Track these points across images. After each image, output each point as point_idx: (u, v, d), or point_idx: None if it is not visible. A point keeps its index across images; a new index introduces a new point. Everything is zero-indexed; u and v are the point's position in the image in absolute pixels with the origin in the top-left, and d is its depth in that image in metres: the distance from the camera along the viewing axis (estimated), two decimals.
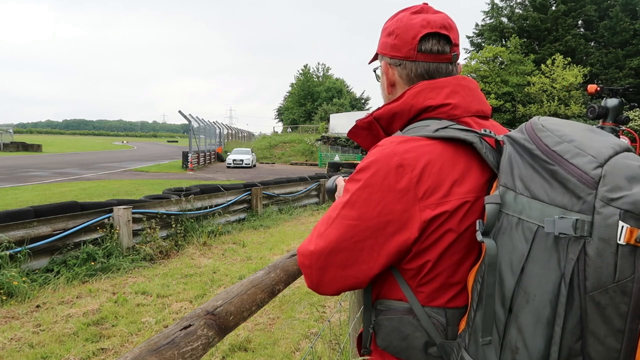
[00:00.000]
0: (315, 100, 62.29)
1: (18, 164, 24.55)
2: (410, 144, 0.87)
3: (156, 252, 6.37)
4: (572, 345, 0.70)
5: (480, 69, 35.65)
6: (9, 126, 48.84)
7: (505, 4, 40.95)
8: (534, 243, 0.72)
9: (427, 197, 0.83)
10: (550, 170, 0.73)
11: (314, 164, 35.25)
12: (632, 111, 29.52)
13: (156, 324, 4.12)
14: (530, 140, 0.78)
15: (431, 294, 0.88)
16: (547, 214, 0.71)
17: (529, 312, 0.72)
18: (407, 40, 0.98)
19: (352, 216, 0.87)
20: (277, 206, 10.60)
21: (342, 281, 0.91)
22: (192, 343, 0.93)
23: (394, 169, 0.84)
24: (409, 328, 0.89)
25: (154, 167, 26.69)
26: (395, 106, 0.97)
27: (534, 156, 0.76)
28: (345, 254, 0.89)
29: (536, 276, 0.71)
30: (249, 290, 1.25)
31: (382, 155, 0.87)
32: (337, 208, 0.91)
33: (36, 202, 10.29)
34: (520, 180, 0.76)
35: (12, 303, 4.49)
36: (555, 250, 0.70)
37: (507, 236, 0.75)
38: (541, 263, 0.71)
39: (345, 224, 0.88)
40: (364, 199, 0.86)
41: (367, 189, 0.86)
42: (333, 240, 0.88)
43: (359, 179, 0.89)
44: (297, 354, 3.61)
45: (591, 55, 36.83)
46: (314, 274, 0.92)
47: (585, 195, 0.68)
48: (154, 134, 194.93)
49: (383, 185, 0.85)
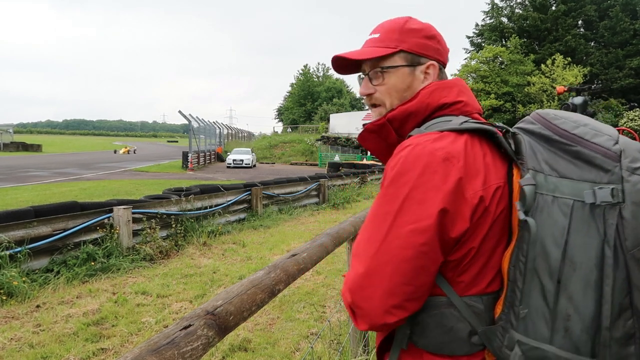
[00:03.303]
0: (315, 100, 62.30)
1: (18, 164, 24.55)
2: (446, 139, 0.88)
3: (156, 252, 6.37)
4: (622, 301, 0.79)
5: (480, 69, 35.66)
6: (9, 126, 48.85)
7: (505, 4, 40.98)
8: (572, 216, 0.81)
9: (473, 185, 0.86)
10: (573, 151, 0.84)
11: (314, 164, 35.25)
12: (632, 111, 29.52)
13: (156, 324, 4.12)
14: (546, 128, 0.89)
15: (469, 283, 0.90)
16: (579, 189, 0.81)
17: (577, 280, 0.80)
18: (446, 49, 1.07)
19: (411, 220, 0.84)
20: (277, 206, 10.59)
21: (410, 299, 0.87)
22: (192, 343, 0.93)
23: (441, 163, 0.85)
24: (452, 321, 0.90)
25: (154, 167, 26.69)
26: (410, 106, 0.99)
27: (552, 141, 0.87)
28: (411, 264, 0.85)
29: (580, 245, 0.80)
30: (249, 290, 1.25)
31: (423, 152, 0.86)
32: (386, 219, 0.86)
33: (36, 202, 10.29)
34: (545, 163, 0.85)
35: (12, 303, 4.48)
36: (593, 220, 0.80)
37: (546, 213, 0.82)
38: (582, 233, 0.80)
39: (405, 232, 0.85)
40: (419, 199, 0.84)
41: (420, 189, 0.85)
42: (395, 255, 0.84)
43: (405, 181, 0.86)
44: (297, 354, 3.61)
45: (591, 55, 36.84)
46: (377, 303, 0.85)
47: (612, 167, 0.81)
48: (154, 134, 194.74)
49: (435, 181, 0.84)
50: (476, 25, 42.19)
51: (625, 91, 35.18)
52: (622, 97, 35.06)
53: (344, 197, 12.69)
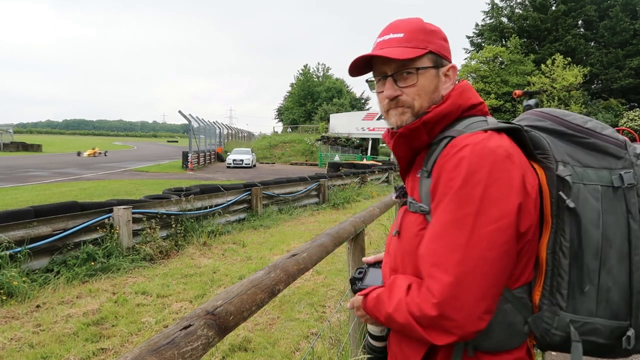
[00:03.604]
0: (315, 100, 62.26)
1: (18, 164, 24.54)
2: (494, 137, 0.91)
3: (156, 252, 6.37)
4: None
5: (480, 69, 35.64)
6: (9, 126, 48.82)
7: (505, 4, 40.97)
8: (602, 199, 0.91)
9: (529, 180, 0.90)
10: (587, 143, 0.95)
11: (314, 164, 35.24)
12: (632, 111, 29.51)
13: (156, 324, 4.12)
14: (558, 124, 0.98)
15: (516, 275, 0.93)
16: (601, 175, 0.92)
17: (613, 254, 0.90)
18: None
19: (492, 220, 0.84)
20: (277, 206, 10.58)
21: (494, 301, 0.87)
22: (192, 343, 0.93)
23: (506, 159, 0.87)
24: (510, 315, 0.92)
25: (154, 167, 26.69)
26: (444, 108, 0.99)
27: (565, 135, 0.97)
28: (497, 265, 0.85)
29: (612, 224, 0.90)
30: (249, 290, 1.25)
31: (485, 151, 0.87)
32: (466, 222, 0.85)
33: (36, 202, 10.29)
34: (567, 155, 0.94)
35: (12, 303, 4.48)
36: (617, 200, 0.91)
37: (582, 199, 0.90)
38: (612, 213, 0.91)
39: (488, 232, 0.84)
40: (495, 198, 0.84)
41: (493, 187, 0.85)
42: (482, 258, 0.84)
43: (477, 181, 0.85)
44: (297, 354, 3.61)
45: (591, 55, 36.83)
46: (470, 310, 0.84)
47: (623, 154, 0.94)
48: (154, 134, 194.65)
49: (506, 178, 0.86)
50: (476, 25, 42.20)
51: (625, 91, 35.17)
52: (622, 97, 35.05)
53: (344, 197, 12.68)
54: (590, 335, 0.91)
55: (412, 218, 1.01)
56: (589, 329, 0.91)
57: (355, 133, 38.04)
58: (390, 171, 19.39)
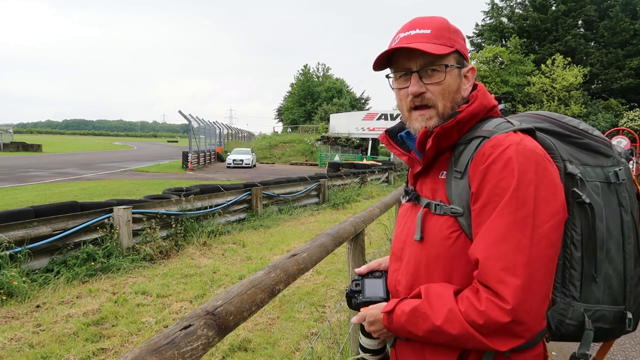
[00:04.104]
0: (315, 100, 62.21)
1: (18, 164, 24.54)
2: (527, 137, 0.94)
3: (156, 252, 6.37)
4: (637, 255, 1.01)
5: (480, 69, 35.61)
6: (9, 126, 48.83)
7: (505, 4, 40.94)
8: (602, 194, 0.98)
9: (559, 178, 0.94)
10: (582, 143, 1.02)
11: (314, 164, 35.23)
12: (632, 111, 29.50)
13: (156, 324, 4.12)
14: (556, 126, 1.05)
15: None
16: (597, 173, 1.00)
17: (612, 244, 0.97)
18: None
19: (547, 218, 0.85)
20: (277, 206, 10.58)
21: (549, 296, 0.91)
22: (192, 343, 0.93)
23: (544, 159, 0.91)
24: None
25: (154, 167, 26.68)
26: (474, 108, 1.01)
27: (563, 136, 1.03)
28: (554, 262, 0.88)
29: (611, 217, 0.97)
30: (249, 290, 1.25)
31: (526, 151, 0.89)
32: (527, 223, 0.84)
33: (36, 202, 10.29)
34: (569, 154, 1.00)
35: (12, 303, 4.48)
36: (612, 195, 0.99)
37: (588, 195, 0.96)
38: (609, 206, 0.98)
39: (546, 231, 0.85)
40: (546, 196, 0.86)
41: (542, 186, 0.87)
42: (544, 256, 0.85)
43: (528, 181, 0.86)
44: (296, 354, 3.61)
45: (591, 55, 36.81)
46: (537, 310, 0.84)
47: (611, 153, 1.03)
48: (154, 134, 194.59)
49: (550, 177, 0.89)
50: (476, 25, 42.18)
51: (625, 91, 35.15)
52: (622, 97, 35.04)
53: (344, 197, 12.68)
54: (599, 322, 0.97)
55: (440, 221, 0.97)
56: (598, 316, 0.96)
57: (355, 133, 38.02)
58: (390, 171, 19.39)
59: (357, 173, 16.57)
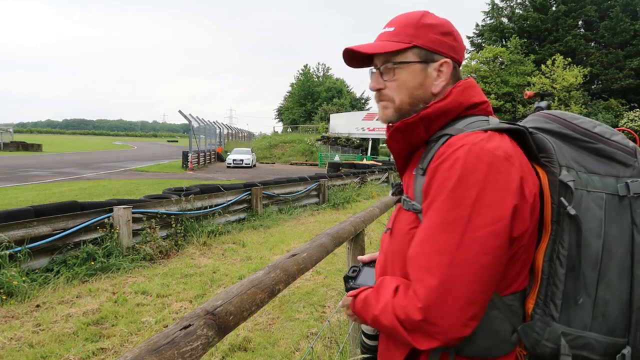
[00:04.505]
0: (315, 100, 62.23)
1: (18, 164, 24.54)
2: (495, 138, 0.87)
3: (156, 252, 6.37)
4: None
5: (480, 69, 35.64)
6: (9, 126, 48.81)
7: (505, 5, 40.98)
8: (606, 208, 0.87)
9: (529, 184, 0.87)
10: (594, 149, 0.91)
11: (314, 164, 35.23)
12: (632, 111, 29.52)
13: (156, 324, 4.12)
14: (566, 127, 0.94)
15: (510, 281, 0.90)
16: (607, 183, 0.88)
17: (614, 267, 0.86)
18: (463, 47, 1.04)
19: (486, 223, 0.81)
20: (277, 206, 10.58)
21: (483, 308, 0.84)
22: (191, 343, 0.93)
23: (504, 160, 0.84)
24: (497, 323, 0.89)
25: (154, 167, 26.69)
26: (444, 104, 0.96)
27: (572, 139, 0.93)
28: (489, 270, 0.82)
29: (614, 235, 0.86)
30: (249, 290, 1.25)
31: (483, 152, 0.84)
32: (458, 225, 0.82)
33: (36, 201, 10.28)
34: (572, 160, 0.90)
35: (12, 303, 4.48)
36: (622, 210, 0.87)
37: (584, 207, 0.86)
38: (615, 223, 0.87)
39: (482, 236, 0.81)
40: (490, 201, 0.81)
41: (489, 189, 0.81)
42: (474, 262, 0.81)
43: (472, 183, 0.82)
44: (296, 354, 3.61)
45: (591, 55, 36.83)
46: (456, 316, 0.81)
47: (632, 162, 0.90)
48: (154, 134, 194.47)
49: (502, 181, 0.82)
50: (476, 25, 42.21)
51: (625, 92, 35.17)
52: (622, 98, 35.06)
53: (344, 197, 12.69)
54: (583, 349, 0.87)
55: (405, 216, 0.98)
56: (581, 344, 0.87)
57: (355, 133, 38.03)
58: (390, 171, 19.38)
59: (357, 173, 16.57)
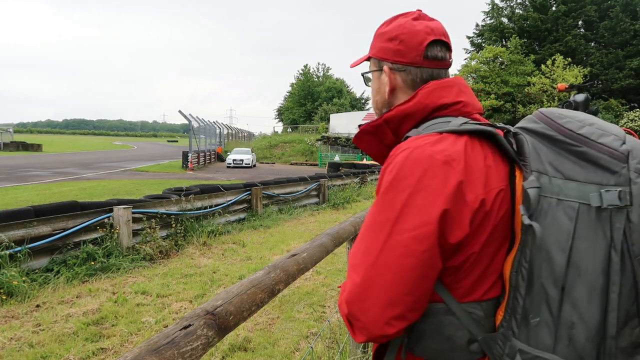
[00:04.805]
0: (315, 100, 62.27)
1: (18, 164, 24.55)
2: (445, 141, 0.85)
3: (156, 252, 6.37)
4: (629, 309, 0.77)
5: (480, 69, 35.64)
6: (9, 126, 48.81)
7: (505, 5, 41.00)
8: (578, 220, 0.77)
9: (474, 188, 0.82)
10: (578, 152, 0.80)
11: (314, 164, 35.24)
12: (632, 112, 29.54)
13: (156, 324, 4.12)
14: (550, 128, 0.85)
15: (469, 288, 0.87)
16: (584, 192, 0.78)
17: (582, 286, 0.77)
18: (413, 46, 0.98)
19: (411, 227, 0.80)
20: (277, 206, 10.59)
21: (412, 310, 0.84)
22: (191, 343, 0.93)
23: (441, 166, 0.82)
24: (450, 329, 0.87)
25: (154, 167, 26.70)
26: (408, 107, 0.96)
27: (556, 141, 0.83)
28: (412, 273, 0.81)
29: (585, 250, 0.77)
30: (249, 290, 1.25)
31: (422, 156, 0.83)
32: (385, 227, 0.82)
33: (36, 201, 10.29)
34: (549, 164, 0.81)
35: (12, 302, 4.48)
36: (599, 224, 0.76)
37: (550, 217, 0.78)
38: (588, 237, 0.77)
39: (406, 239, 0.80)
40: (419, 205, 0.80)
41: (420, 194, 0.81)
42: (396, 264, 0.81)
43: (404, 187, 0.82)
44: (296, 354, 3.61)
45: (591, 55, 36.85)
46: (377, 314, 0.81)
47: (619, 169, 0.77)
48: (154, 134, 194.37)
49: (435, 185, 0.81)
50: (476, 25, 42.22)
51: (625, 92, 35.19)
52: (622, 98, 35.08)
53: (344, 197, 12.69)
54: None
55: None
56: None
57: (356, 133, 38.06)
58: None
59: (357, 173, 16.58)
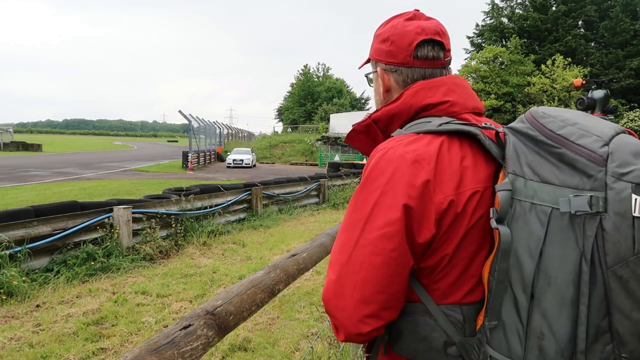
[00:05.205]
0: (315, 100, 62.27)
1: (18, 164, 24.54)
2: (420, 141, 0.86)
3: (156, 252, 6.37)
4: (600, 323, 0.71)
5: (480, 69, 35.63)
6: (9, 126, 48.81)
7: (505, 5, 40.96)
8: (550, 225, 0.73)
9: (443, 189, 0.82)
10: (557, 154, 0.76)
11: (314, 164, 35.24)
12: (632, 112, 29.54)
13: (156, 324, 4.12)
14: (533, 127, 0.81)
15: (446, 290, 0.87)
16: (559, 196, 0.73)
17: (551, 295, 0.73)
18: (403, 47, 0.99)
19: (379, 226, 0.82)
20: (277, 206, 10.59)
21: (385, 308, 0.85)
22: (191, 343, 0.93)
23: (409, 165, 0.82)
24: (425, 329, 0.87)
25: (154, 167, 26.70)
26: (393, 107, 0.97)
27: (538, 142, 0.79)
28: (383, 271, 0.82)
29: (555, 258, 0.73)
30: (249, 290, 1.25)
31: (394, 156, 0.85)
32: (357, 226, 0.84)
33: (36, 201, 10.29)
34: (527, 166, 0.78)
35: (12, 303, 4.48)
36: (572, 230, 0.72)
37: (522, 221, 0.76)
38: (559, 244, 0.73)
39: (374, 238, 0.82)
40: (387, 204, 0.82)
41: (388, 194, 0.82)
42: (366, 263, 0.82)
43: (375, 187, 0.84)
44: (296, 354, 3.61)
45: (591, 55, 36.83)
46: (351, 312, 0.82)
47: (595, 172, 0.71)
48: (154, 134, 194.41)
49: (401, 185, 0.82)
50: (476, 25, 42.18)
51: (625, 92, 35.17)
52: (622, 98, 35.06)
53: (344, 197, 12.70)
54: None
55: None
56: None
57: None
58: None
59: (357, 173, 16.57)
